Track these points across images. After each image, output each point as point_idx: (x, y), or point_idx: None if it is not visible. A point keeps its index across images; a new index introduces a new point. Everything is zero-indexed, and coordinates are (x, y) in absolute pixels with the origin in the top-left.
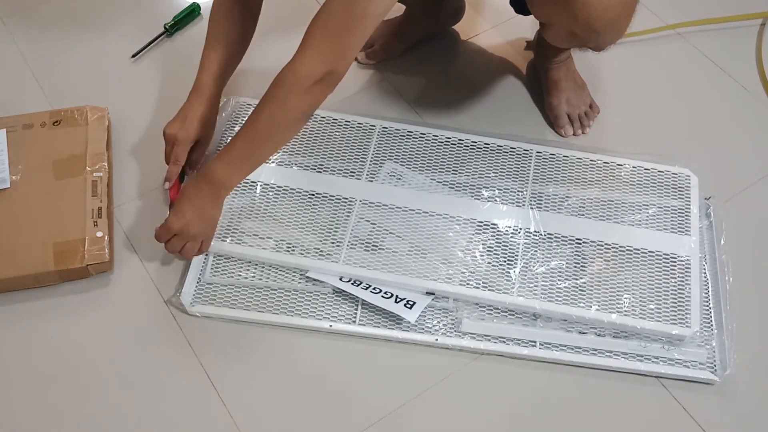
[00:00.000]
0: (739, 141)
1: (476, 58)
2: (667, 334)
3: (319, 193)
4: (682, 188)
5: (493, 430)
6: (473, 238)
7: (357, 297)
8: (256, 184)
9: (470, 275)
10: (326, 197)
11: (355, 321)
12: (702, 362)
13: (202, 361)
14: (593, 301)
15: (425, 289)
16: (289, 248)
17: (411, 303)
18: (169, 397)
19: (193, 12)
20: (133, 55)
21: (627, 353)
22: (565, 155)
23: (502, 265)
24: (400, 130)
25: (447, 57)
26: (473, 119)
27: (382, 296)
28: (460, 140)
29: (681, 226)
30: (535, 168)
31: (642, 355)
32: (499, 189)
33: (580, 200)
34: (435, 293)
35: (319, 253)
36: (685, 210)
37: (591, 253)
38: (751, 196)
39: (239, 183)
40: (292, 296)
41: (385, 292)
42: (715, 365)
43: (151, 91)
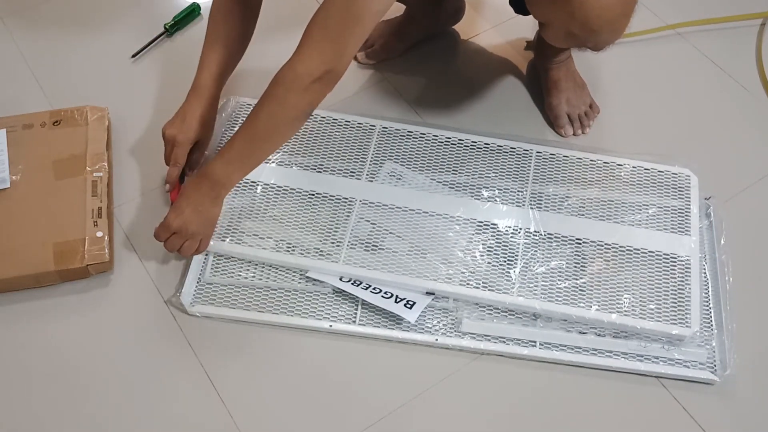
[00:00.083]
0: (739, 141)
1: (476, 58)
2: (667, 334)
3: (319, 193)
4: (682, 188)
5: (493, 430)
6: (473, 238)
7: (357, 297)
8: (256, 184)
9: (470, 275)
10: (326, 197)
11: (355, 321)
12: (702, 362)
13: (202, 361)
14: (593, 301)
15: (425, 289)
16: (289, 248)
17: (411, 303)
18: (169, 397)
19: (193, 12)
20: (133, 55)
21: (627, 353)
22: (565, 155)
23: (502, 265)
24: (400, 130)
25: (447, 57)
26: (473, 119)
27: (382, 296)
28: (460, 140)
29: (681, 226)
30: (535, 168)
31: (642, 355)
32: (499, 189)
33: (580, 200)
34: (435, 293)
35: (319, 253)
36: (685, 210)
37: (591, 253)
38: (751, 196)
39: (239, 182)
40: (292, 296)
41: (385, 292)
42: (715, 365)
43: (151, 91)
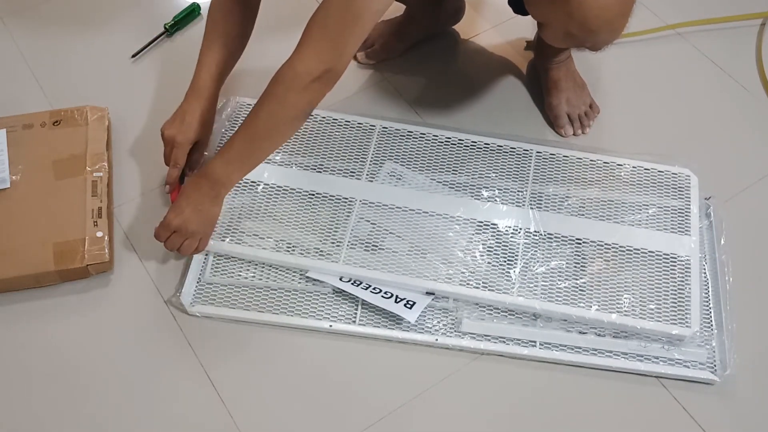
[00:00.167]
0: (739, 141)
1: (476, 58)
2: (667, 334)
3: (319, 193)
4: (682, 188)
5: (493, 430)
6: (473, 238)
7: (357, 297)
8: (256, 184)
9: (470, 275)
10: (326, 197)
11: (355, 321)
12: (702, 362)
13: (202, 361)
14: (593, 301)
15: (425, 289)
16: (289, 248)
17: (411, 303)
18: (169, 397)
19: (193, 12)
20: (133, 55)
21: (627, 353)
22: (565, 155)
23: (502, 265)
24: (400, 130)
25: (447, 57)
26: (473, 119)
27: (382, 296)
28: (460, 140)
29: (681, 226)
30: (535, 168)
31: (642, 355)
32: (499, 189)
33: (580, 200)
34: (435, 293)
35: (319, 253)
36: (685, 210)
37: (591, 253)
38: (751, 196)
39: (239, 181)
40: (292, 296)
41: (385, 292)
42: (715, 365)
43: (151, 91)
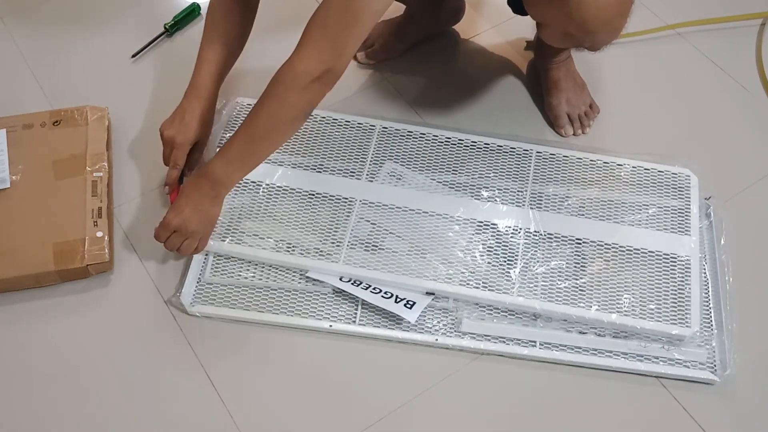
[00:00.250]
0: (739, 141)
1: (476, 58)
2: (667, 334)
3: (319, 193)
4: (682, 188)
5: (493, 430)
6: (473, 238)
7: (357, 297)
8: (256, 184)
9: (470, 275)
10: (326, 197)
11: (355, 321)
12: (702, 362)
13: (202, 361)
14: (593, 301)
15: (425, 289)
16: (289, 248)
17: (411, 303)
18: (169, 397)
19: (193, 12)
20: (133, 55)
21: (627, 353)
22: (565, 155)
23: (502, 265)
24: (400, 130)
25: (447, 57)
26: (473, 119)
27: (382, 296)
28: (460, 140)
29: (681, 226)
30: (535, 168)
31: (642, 355)
32: (499, 189)
33: (580, 200)
34: (435, 293)
35: (319, 253)
36: (685, 210)
37: (591, 253)
38: (751, 196)
39: (239, 181)
40: (292, 296)
41: (385, 292)
42: (715, 365)
43: (151, 91)
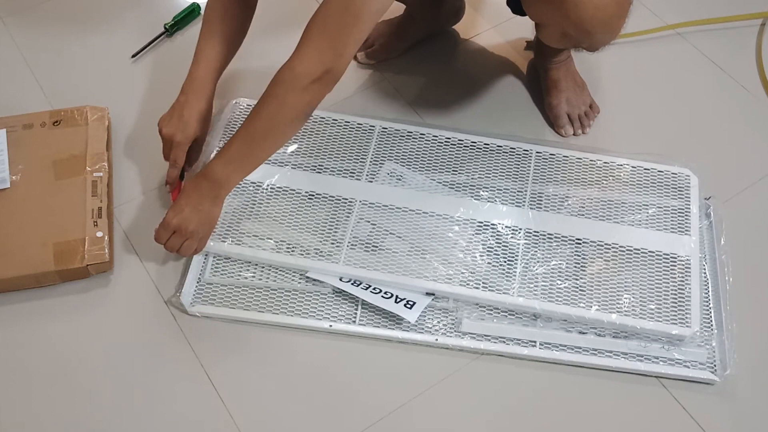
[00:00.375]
0: (739, 141)
1: (476, 58)
2: (667, 334)
3: (319, 194)
4: (682, 188)
5: (492, 430)
6: (473, 239)
7: (357, 297)
8: (256, 185)
9: (470, 275)
10: (326, 197)
11: (355, 321)
12: (702, 362)
13: (202, 361)
14: (593, 301)
15: (425, 289)
16: (289, 249)
17: (411, 303)
18: (169, 397)
19: (193, 12)
20: (133, 55)
21: (627, 353)
22: (565, 155)
23: (502, 265)
24: (400, 130)
25: (447, 57)
26: (473, 119)
27: (382, 296)
28: (460, 140)
29: (681, 226)
30: (535, 168)
31: (642, 355)
32: (498, 189)
33: (580, 200)
34: (435, 293)
35: (319, 254)
36: (685, 210)
37: (591, 253)
38: (751, 196)
39: (239, 182)
40: (292, 296)
41: (385, 293)
42: (715, 365)
43: (151, 91)
